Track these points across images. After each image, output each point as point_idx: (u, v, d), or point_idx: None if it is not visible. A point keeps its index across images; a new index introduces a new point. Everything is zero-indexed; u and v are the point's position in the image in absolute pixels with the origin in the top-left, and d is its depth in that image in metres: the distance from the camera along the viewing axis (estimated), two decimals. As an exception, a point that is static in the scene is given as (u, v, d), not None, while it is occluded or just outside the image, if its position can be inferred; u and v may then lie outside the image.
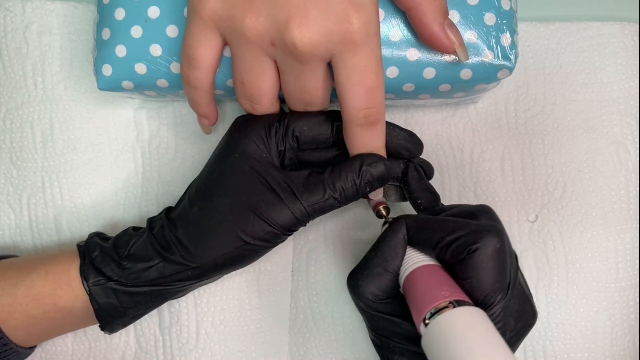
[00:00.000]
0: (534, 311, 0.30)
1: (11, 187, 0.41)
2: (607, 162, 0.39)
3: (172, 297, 0.35)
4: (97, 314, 0.33)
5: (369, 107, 0.29)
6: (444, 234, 0.29)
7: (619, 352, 0.38)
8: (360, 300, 0.30)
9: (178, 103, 0.41)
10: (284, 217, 0.31)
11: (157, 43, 0.33)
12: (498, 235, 0.28)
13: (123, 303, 0.33)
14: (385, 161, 0.31)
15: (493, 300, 0.28)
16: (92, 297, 0.33)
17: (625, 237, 0.39)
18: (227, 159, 0.32)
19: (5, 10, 0.41)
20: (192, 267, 0.32)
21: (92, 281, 0.33)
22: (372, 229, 0.40)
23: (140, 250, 0.33)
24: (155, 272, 0.32)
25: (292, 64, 0.29)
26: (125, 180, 0.41)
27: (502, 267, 0.28)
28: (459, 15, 0.31)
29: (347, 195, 0.31)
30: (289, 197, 0.31)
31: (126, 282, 0.33)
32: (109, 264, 0.33)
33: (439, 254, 0.30)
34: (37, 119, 0.41)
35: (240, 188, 0.31)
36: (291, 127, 0.32)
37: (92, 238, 0.35)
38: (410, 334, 0.29)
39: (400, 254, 0.30)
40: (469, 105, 0.40)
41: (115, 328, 0.35)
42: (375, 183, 0.32)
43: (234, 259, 0.32)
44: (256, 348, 0.40)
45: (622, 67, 0.40)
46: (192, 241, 0.32)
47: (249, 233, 0.31)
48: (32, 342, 0.36)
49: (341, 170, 0.31)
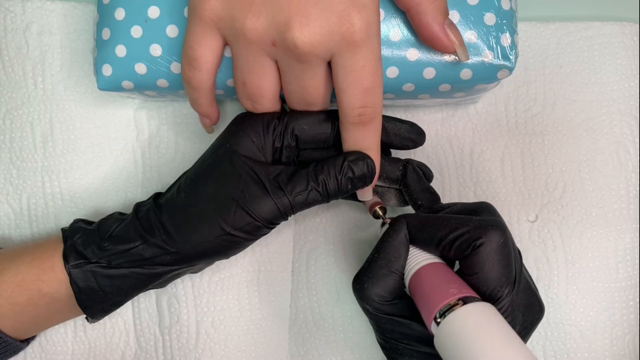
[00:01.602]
0: (541, 305, 0.30)
1: (11, 187, 0.41)
2: (607, 162, 0.39)
3: (152, 284, 0.34)
4: (77, 297, 0.33)
5: (363, 107, 0.29)
6: (447, 231, 0.29)
7: (618, 352, 0.38)
8: (367, 303, 0.30)
9: (178, 103, 0.41)
10: (266, 208, 0.31)
11: (157, 43, 0.33)
12: (501, 230, 0.29)
13: (103, 287, 0.33)
14: (369, 160, 0.31)
15: (500, 295, 0.28)
16: (72, 280, 0.33)
17: (625, 237, 0.39)
18: (219, 150, 0.33)
19: (6, 10, 0.41)
20: (172, 252, 0.32)
21: (72, 263, 0.33)
22: (372, 229, 0.40)
23: (123, 232, 0.33)
24: (135, 254, 0.32)
25: (293, 64, 0.29)
26: (125, 180, 0.41)
27: (507, 261, 0.28)
28: (459, 15, 0.31)
29: (329, 190, 0.31)
30: (273, 188, 0.31)
31: (106, 264, 0.33)
32: (90, 246, 0.33)
33: (442, 251, 0.30)
34: (37, 119, 0.41)
35: (227, 178, 0.31)
36: (290, 126, 0.32)
37: (76, 223, 0.35)
38: (419, 335, 0.29)
39: (404, 254, 0.30)
40: (469, 105, 0.40)
41: (96, 314, 0.35)
42: (357, 181, 0.32)
43: (214, 248, 0.32)
44: (256, 348, 0.40)
45: (622, 67, 0.40)
46: (174, 226, 0.32)
47: (230, 223, 0.31)
48: (21, 333, 0.36)
49: (324, 164, 0.31)
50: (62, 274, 0.33)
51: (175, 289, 0.40)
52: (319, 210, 0.41)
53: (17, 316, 0.34)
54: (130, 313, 0.41)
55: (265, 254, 0.40)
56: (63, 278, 0.33)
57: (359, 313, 0.40)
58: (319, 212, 0.41)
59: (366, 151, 0.31)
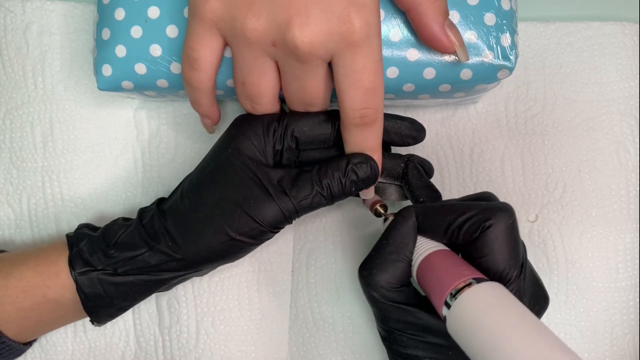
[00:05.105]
0: (546, 295, 0.31)
1: (11, 187, 0.41)
2: (607, 162, 0.39)
3: (158, 289, 0.35)
4: (84, 304, 0.33)
5: (365, 108, 0.29)
6: (455, 216, 0.29)
7: (618, 352, 0.38)
8: (375, 290, 0.30)
9: (178, 103, 0.41)
10: (271, 213, 0.31)
11: (157, 43, 0.33)
12: (510, 212, 0.29)
13: (109, 293, 0.33)
14: (373, 162, 0.32)
15: (510, 276, 0.28)
16: (79, 287, 0.33)
17: (625, 237, 0.39)
18: (221, 155, 0.33)
19: (6, 10, 0.41)
20: (177, 259, 0.32)
21: (78, 271, 0.33)
22: (372, 229, 0.40)
23: (128, 239, 0.33)
24: (141, 261, 0.32)
25: (293, 65, 0.29)
26: (125, 181, 0.41)
27: (515, 242, 0.29)
28: (459, 15, 0.31)
29: (334, 193, 0.32)
30: (277, 193, 0.31)
31: (112, 271, 0.33)
32: (96, 253, 0.33)
33: (450, 237, 0.30)
34: (37, 119, 0.41)
35: (230, 183, 0.31)
36: (290, 127, 0.32)
37: (80, 229, 0.35)
38: (425, 324, 0.29)
39: (412, 241, 0.30)
40: (469, 105, 0.40)
41: (102, 319, 0.35)
42: (361, 183, 0.32)
43: (220, 253, 0.32)
44: (256, 348, 0.40)
45: (622, 67, 0.40)
46: (179, 232, 0.32)
47: (235, 229, 0.31)
48: (24, 337, 0.36)
49: (328, 167, 0.31)
50: (67, 280, 0.33)
51: (175, 290, 0.40)
52: (319, 211, 0.40)
53: (22, 320, 0.34)
54: (130, 313, 0.41)
55: (265, 254, 0.40)
56: (68, 284, 0.33)
57: (360, 313, 0.40)
58: (319, 213, 0.41)
59: (368, 152, 0.31)
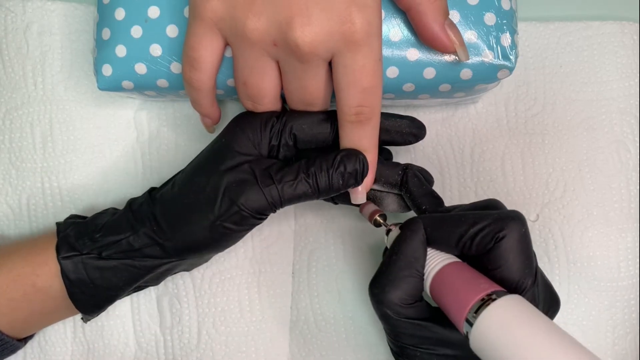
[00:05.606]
0: (557, 298, 0.30)
1: (10, 187, 0.41)
2: (607, 161, 0.39)
3: (143, 279, 0.34)
4: (69, 290, 0.33)
5: (361, 105, 0.29)
6: (467, 227, 0.29)
7: (620, 351, 0.38)
8: (388, 308, 0.29)
9: (178, 103, 0.41)
10: (252, 196, 0.31)
11: (157, 43, 0.33)
12: (522, 221, 0.29)
13: (94, 279, 0.33)
14: (362, 156, 0.31)
15: (525, 286, 0.28)
16: (63, 272, 0.33)
17: (626, 236, 0.39)
18: (215, 145, 0.33)
19: (6, 10, 0.41)
20: (160, 243, 0.32)
21: (63, 255, 0.33)
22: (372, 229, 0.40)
23: (115, 223, 0.33)
24: (125, 244, 0.33)
25: (294, 64, 0.29)
26: (125, 182, 0.41)
27: (529, 250, 0.28)
28: (459, 15, 0.31)
29: (320, 184, 0.31)
30: (263, 178, 0.31)
31: (96, 255, 0.33)
32: (82, 238, 0.33)
33: (462, 248, 0.29)
34: (37, 119, 0.41)
35: (219, 170, 0.31)
36: (289, 124, 0.32)
37: (70, 218, 0.36)
38: (439, 337, 0.29)
39: (423, 255, 0.30)
40: (469, 105, 0.40)
41: (88, 309, 0.35)
42: (349, 176, 0.31)
43: (203, 240, 0.32)
44: (257, 349, 0.40)
45: (622, 66, 0.40)
46: (165, 218, 0.32)
47: (217, 214, 0.31)
48: (17, 331, 0.36)
49: (317, 158, 0.31)
50: (55, 267, 0.33)
51: (177, 290, 0.40)
52: (320, 211, 0.41)
53: (13, 312, 0.34)
54: (129, 314, 0.41)
55: (265, 256, 0.40)
56: (56, 271, 0.33)
57: (361, 314, 0.39)
58: (320, 213, 0.41)
59: (362, 151, 0.31)
